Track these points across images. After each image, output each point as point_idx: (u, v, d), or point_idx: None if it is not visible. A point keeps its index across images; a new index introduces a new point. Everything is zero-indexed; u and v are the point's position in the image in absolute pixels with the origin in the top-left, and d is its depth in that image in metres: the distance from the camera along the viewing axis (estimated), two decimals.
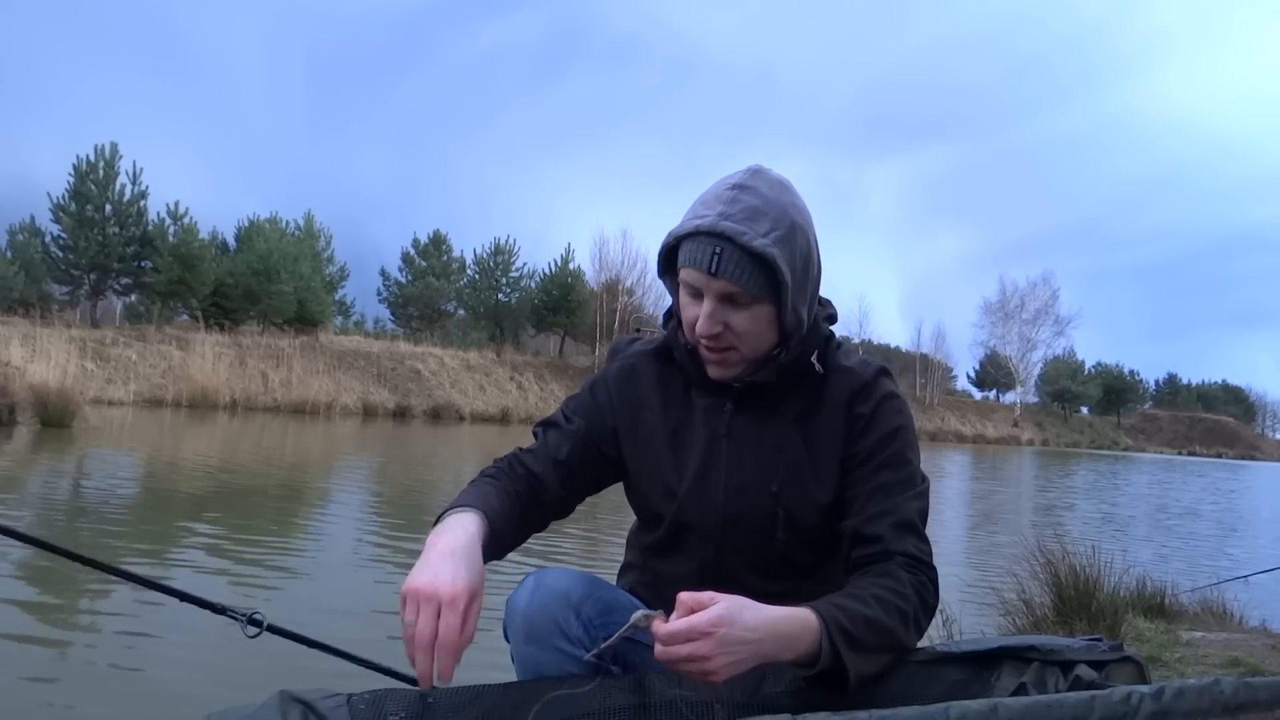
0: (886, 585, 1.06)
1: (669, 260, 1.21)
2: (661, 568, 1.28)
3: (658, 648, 0.92)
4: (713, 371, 1.20)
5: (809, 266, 1.16)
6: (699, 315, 1.15)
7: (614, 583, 1.31)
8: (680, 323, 1.23)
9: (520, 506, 1.18)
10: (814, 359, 1.20)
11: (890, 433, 1.17)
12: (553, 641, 1.07)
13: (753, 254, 1.10)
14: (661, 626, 0.92)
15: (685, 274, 1.15)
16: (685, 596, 0.93)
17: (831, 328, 1.26)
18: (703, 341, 1.17)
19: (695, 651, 0.90)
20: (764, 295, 1.13)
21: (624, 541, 1.41)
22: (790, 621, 0.97)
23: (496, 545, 1.11)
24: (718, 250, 1.10)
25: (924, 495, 1.16)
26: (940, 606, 1.13)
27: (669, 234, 1.18)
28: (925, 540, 1.12)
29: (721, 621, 0.90)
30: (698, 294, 1.15)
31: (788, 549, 1.18)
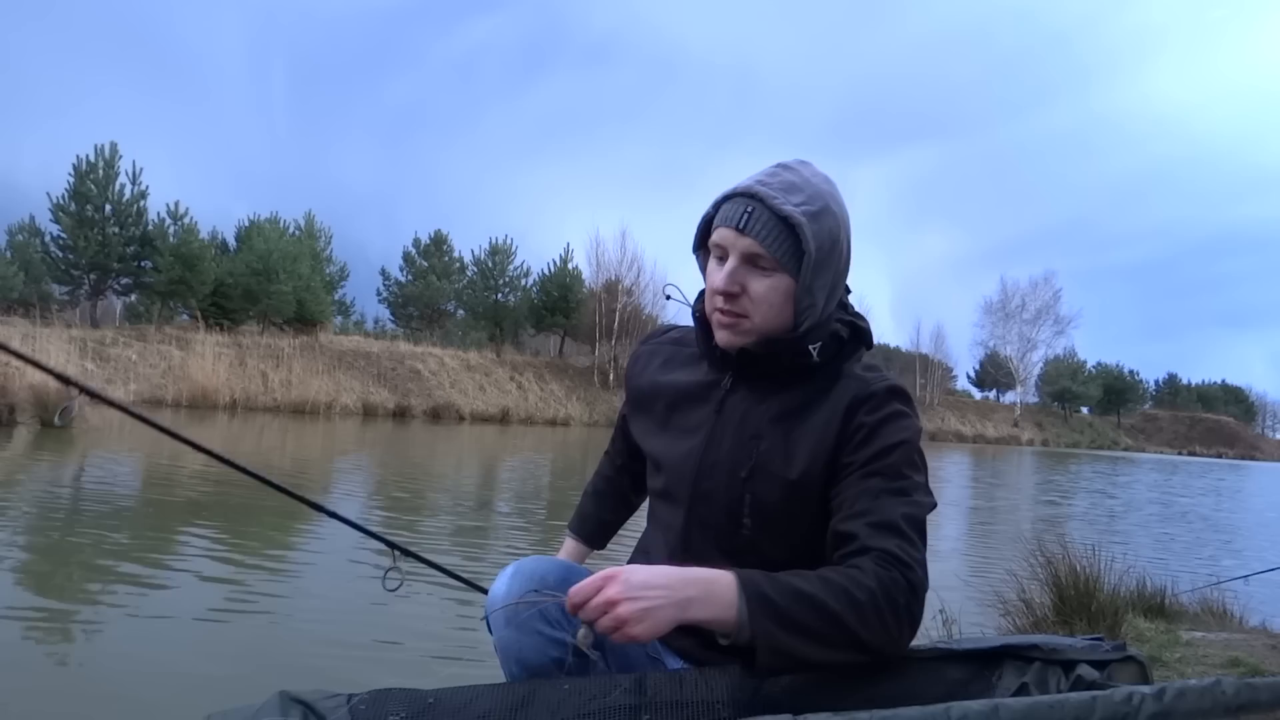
0: (841, 571, 1.01)
1: (706, 233, 1.22)
2: (648, 534, 1.36)
3: (571, 606, 0.98)
4: (721, 337, 1.20)
5: (834, 251, 1.16)
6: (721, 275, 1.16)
7: None
8: (703, 296, 1.24)
9: (614, 494, 1.58)
10: (814, 349, 1.17)
11: (889, 447, 1.11)
12: (533, 624, 1.10)
13: (781, 217, 1.12)
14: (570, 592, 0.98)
15: (716, 235, 1.17)
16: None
17: (855, 339, 1.21)
18: (718, 303, 1.17)
19: (602, 597, 0.95)
20: (786, 264, 1.13)
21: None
22: (705, 574, 0.99)
23: (603, 530, 1.58)
24: (749, 209, 1.13)
25: (917, 505, 1.08)
26: (940, 606, 1.11)
27: (712, 202, 1.20)
28: (911, 543, 1.04)
29: (617, 571, 0.97)
30: (724, 256, 1.16)
31: (755, 539, 1.17)
